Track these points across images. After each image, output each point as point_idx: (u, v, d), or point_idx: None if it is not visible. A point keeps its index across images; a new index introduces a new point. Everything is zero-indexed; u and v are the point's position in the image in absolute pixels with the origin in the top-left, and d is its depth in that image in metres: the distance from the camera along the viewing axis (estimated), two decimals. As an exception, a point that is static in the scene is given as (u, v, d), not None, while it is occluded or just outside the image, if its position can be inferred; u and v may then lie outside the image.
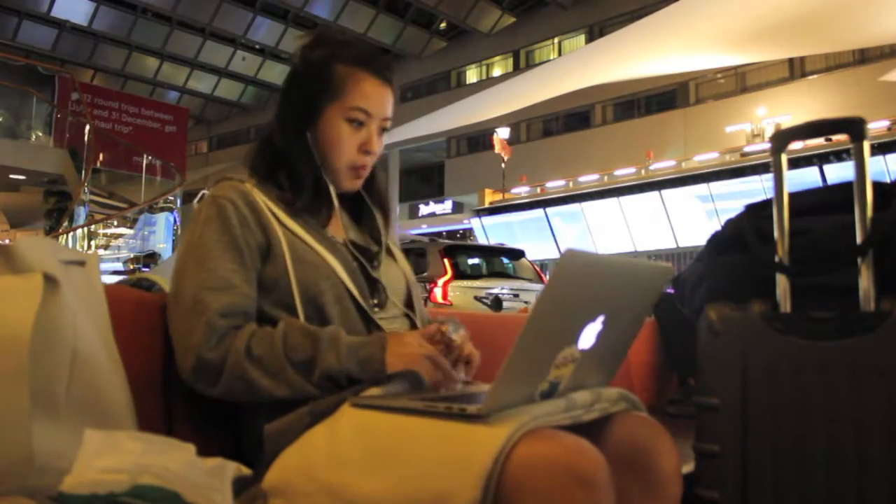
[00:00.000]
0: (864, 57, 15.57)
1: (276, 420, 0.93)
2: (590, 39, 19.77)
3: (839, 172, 11.41)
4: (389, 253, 1.17)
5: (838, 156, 12.02)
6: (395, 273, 1.15)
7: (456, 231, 21.24)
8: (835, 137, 7.63)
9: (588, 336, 0.85)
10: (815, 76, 16.59)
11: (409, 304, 1.16)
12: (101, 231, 11.69)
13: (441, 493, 0.74)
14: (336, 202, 1.10)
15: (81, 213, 10.24)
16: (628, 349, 1.02)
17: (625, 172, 16.82)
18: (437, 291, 6.67)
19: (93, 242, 11.08)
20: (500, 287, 7.13)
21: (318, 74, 1.07)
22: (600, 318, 0.85)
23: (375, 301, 1.08)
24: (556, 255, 17.00)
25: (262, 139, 1.12)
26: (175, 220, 12.21)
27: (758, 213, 1.32)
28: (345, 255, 1.06)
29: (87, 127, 10.89)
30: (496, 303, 6.78)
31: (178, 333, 0.96)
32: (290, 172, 1.07)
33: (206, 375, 0.94)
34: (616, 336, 0.92)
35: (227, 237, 0.99)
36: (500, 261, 8.26)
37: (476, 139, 22.21)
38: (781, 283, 1.20)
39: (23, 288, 0.69)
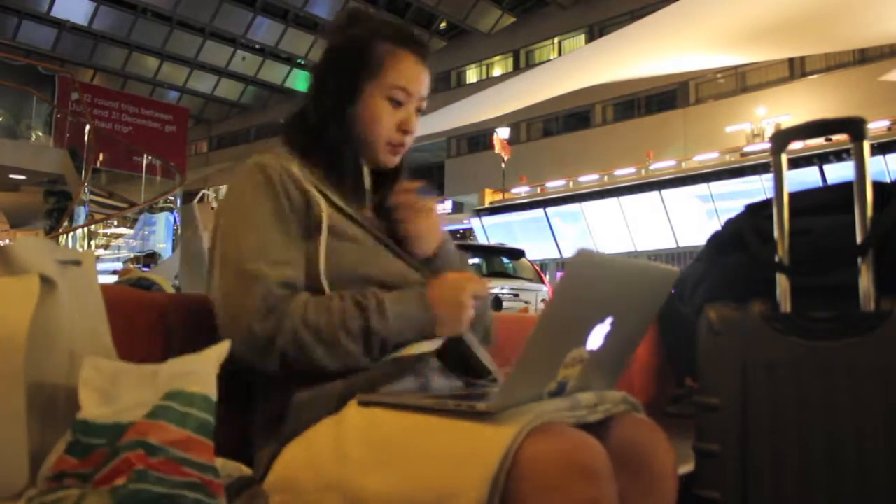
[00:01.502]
0: (864, 57, 15.56)
1: (305, 391, 0.92)
2: (590, 39, 19.76)
3: (839, 172, 11.41)
4: None
5: (838, 156, 12.02)
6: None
7: (456, 231, 21.25)
8: (835, 137, 7.63)
9: (596, 337, 0.85)
10: (815, 76, 16.59)
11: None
12: (101, 231, 11.70)
13: (447, 491, 0.74)
14: (367, 184, 1.09)
15: (81, 213, 10.24)
16: (633, 353, 1.02)
17: (625, 172, 16.82)
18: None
19: (93, 242, 11.08)
20: (500, 287, 7.13)
21: (357, 52, 1.05)
22: (609, 320, 0.85)
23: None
24: (557, 255, 17.07)
25: (295, 117, 1.09)
26: (175, 220, 12.21)
27: (758, 213, 1.32)
28: (382, 237, 1.04)
29: (87, 127, 10.89)
30: (496, 303, 6.78)
31: (229, 303, 0.92)
32: (328, 151, 1.05)
33: (258, 346, 0.90)
34: (622, 338, 0.93)
35: (278, 206, 0.96)
36: (500, 261, 8.27)
37: (476, 139, 22.21)
38: (781, 283, 1.20)
39: (19, 289, 0.68)
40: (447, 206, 21.94)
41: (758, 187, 12.80)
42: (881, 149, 11.70)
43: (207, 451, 0.67)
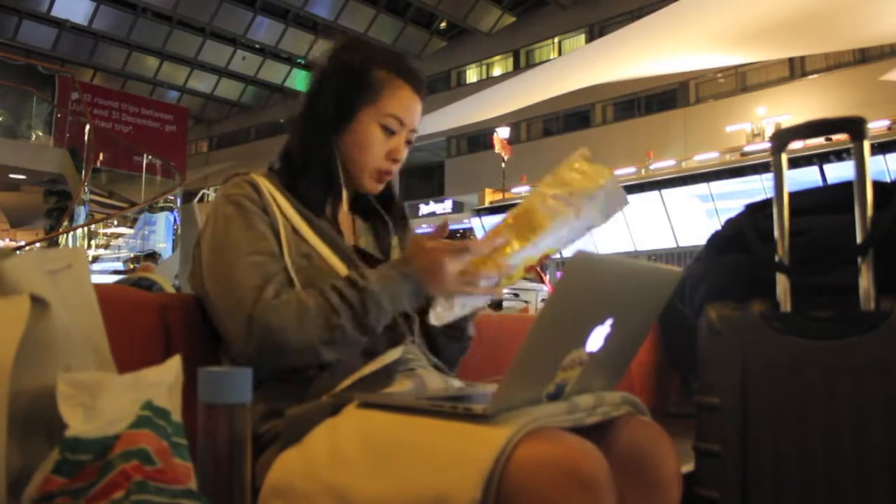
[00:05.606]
0: (864, 57, 15.56)
1: (298, 406, 0.93)
2: (590, 39, 19.76)
3: (839, 172, 11.40)
4: None
5: (838, 155, 12.02)
6: None
7: (456, 231, 21.23)
8: (835, 137, 7.63)
9: (596, 339, 0.84)
10: (815, 76, 16.59)
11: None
12: (101, 231, 11.72)
13: (441, 493, 0.73)
14: (346, 206, 1.10)
15: (81, 213, 10.25)
16: (635, 354, 1.00)
17: (625, 172, 16.80)
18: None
19: (93, 242, 11.09)
20: (499, 287, 7.11)
21: (354, 76, 1.06)
22: (608, 321, 0.84)
23: None
24: (556, 255, 17.01)
25: (284, 148, 1.10)
26: (175, 220, 12.22)
27: (758, 213, 1.32)
28: (348, 257, 1.05)
29: (87, 126, 10.89)
30: (496, 302, 6.77)
31: (229, 321, 0.95)
32: (305, 164, 1.06)
33: (266, 332, 0.92)
34: (623, 340, 0.92)
35: (253, 233, 0.99)
36: (500, 260, 8.24)
37: (476, 139, 22.20)
38: (781, 282, 1.20)
39: (7, 313, 0.65)
40: (447, 205, 21.94)
41: (758, 187, 12.79)
42: (881, 149, 11.70)
43: (185, 472, 0.65)
